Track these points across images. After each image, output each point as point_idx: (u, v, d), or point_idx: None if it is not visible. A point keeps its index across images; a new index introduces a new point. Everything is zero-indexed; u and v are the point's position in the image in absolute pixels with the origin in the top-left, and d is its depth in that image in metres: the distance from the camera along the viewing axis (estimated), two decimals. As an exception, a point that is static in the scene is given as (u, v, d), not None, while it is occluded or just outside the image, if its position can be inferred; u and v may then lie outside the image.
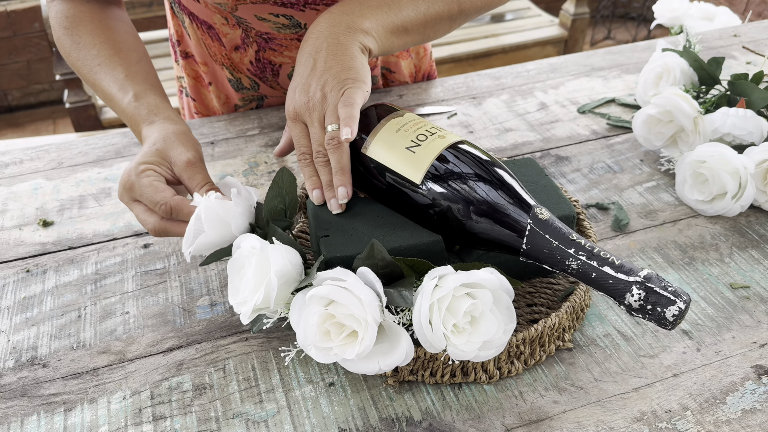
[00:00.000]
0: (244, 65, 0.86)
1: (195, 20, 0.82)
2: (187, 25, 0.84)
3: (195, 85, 0.93)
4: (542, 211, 0.52)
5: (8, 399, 0.53)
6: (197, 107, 0.95)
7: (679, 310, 0.45)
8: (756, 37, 1.08)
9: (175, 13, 0.86)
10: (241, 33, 0.81)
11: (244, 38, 0.82)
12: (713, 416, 0.50)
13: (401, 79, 0.97)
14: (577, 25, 2.30)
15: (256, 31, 0.80)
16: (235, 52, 0.84)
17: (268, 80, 0.88)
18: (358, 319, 0.48)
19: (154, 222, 0.58)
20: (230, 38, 0.82)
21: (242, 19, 0.79)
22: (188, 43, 0.88)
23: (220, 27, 0.81)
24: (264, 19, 0.78)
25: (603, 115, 0.87)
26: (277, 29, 0.80)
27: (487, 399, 0.52)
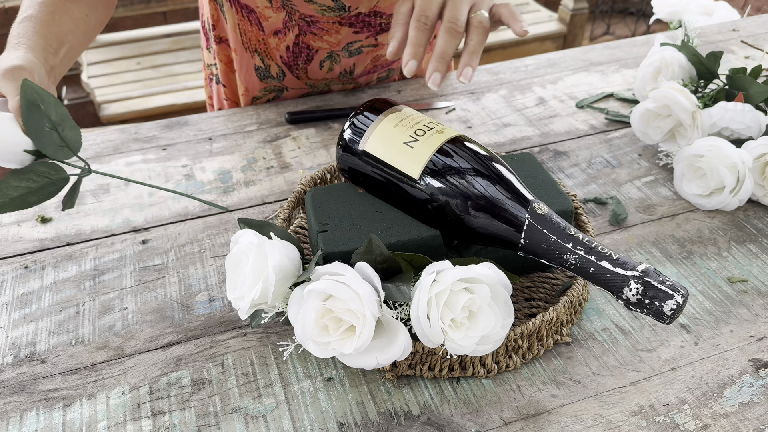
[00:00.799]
0: (279, 51, 0.87)
1: (235, 4, 0.83)
2: (226, 9, 0.85)
3: (226, 71, 0.94)
4: (540, 205, 0.52)
5: (7, 395, 0.53)
6: (227, 93, 0.96)
7: (677, 304, 0.45)
8: (754, 32, 1.08)
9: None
10: (284, 16, 0.83)
11: (286, 21, 0.83)
12: (711, 410, 0.50)
13: (419, 73, 0.98)
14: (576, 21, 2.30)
15: (300, 14, 0.82)
16: (273, 37, 0.85)
17: (298, 68, 0.89)
18: (356, 313, 0.48)
19: None
20: (272, 22, 0.84)
21: (288, 1, 0.80)
22: (224, 27, 0.89)
23: (263, 10, 0.82)
24: (311, 2, 0.80)
25: (601, 110, 0.87)
26: (321, 12, 0.82)
27: (485, 393, 0.52)
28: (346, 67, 0.91)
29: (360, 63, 0.91)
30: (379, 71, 0.95)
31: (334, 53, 0.88)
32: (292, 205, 0.66)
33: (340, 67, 0.91)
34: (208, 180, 0.77)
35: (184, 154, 0.81)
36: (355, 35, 0.86)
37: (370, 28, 0.86)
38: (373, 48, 0.89)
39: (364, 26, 0.85)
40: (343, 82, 0.93)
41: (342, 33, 0.86)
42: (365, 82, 0.95)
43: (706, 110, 0.73)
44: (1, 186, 0.49)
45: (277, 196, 0.74)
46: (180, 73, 2.12)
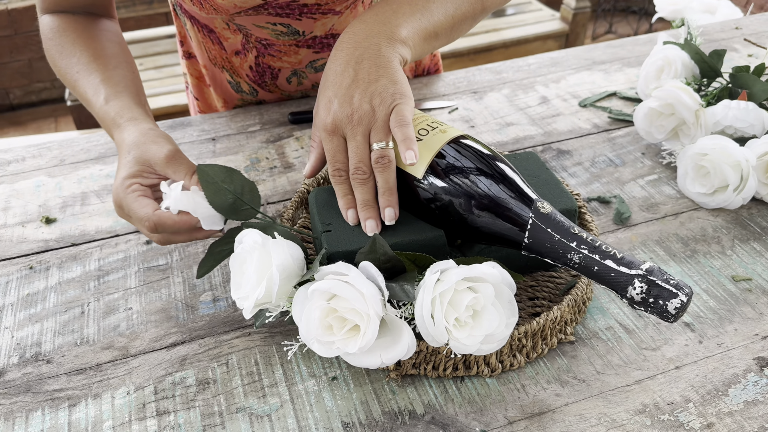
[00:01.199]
0: (244, 70, 0.86)
1: (196, 23, 0.83)
2: (189, 27, 0.85)
3: (198, 84, 0.94)
4: (544, 204, 0.52)
5: (13, 395, 0.53)
6: (200, 106, 0.96)
7: (681, 302, 0.45)
8: (757, 30, 1.08)
9: (177, 14, 0.86)
10: (241, 38, 0.82)
11: (244, 43, 0.82)
12: (715, 408, 0.50)
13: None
14: (578, 20, 2.29)
15: (255, 37, 0.81)
16: (236, 57, 0.84)
17: (267, 84, 0.88)
18: (360, 313, 0.48)
19: (157, 236, 0.58)
20: (231, 42, 0.83)
21: (242, 25, 0.79)
22: (190, 44, 0.88)
23: (221, 31, 0.81)
24: (262, 27, 0.79)
25: (604, 109, 0.87)
26: (275, 36, 0.81)
27: (490, 392, 0.52)
28: (316, 81, 0.89)
29: None
30: None
31: (298, 71, 0.87)
32: (295, 205, 0.66)
33: (311, 81, 0.89)
34: (212, 180, 0.77)
35: (188, 155, 0.81)
36: (315, 54, 0.84)
37: (329, 48, 0.83)
38: None
39: (323, 47, 0.83)
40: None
41: (301, 54, 0.84)
42: None
43: (709, 109, 0.73)
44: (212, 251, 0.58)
45: (280, 196, 0.74)
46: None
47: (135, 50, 2.25)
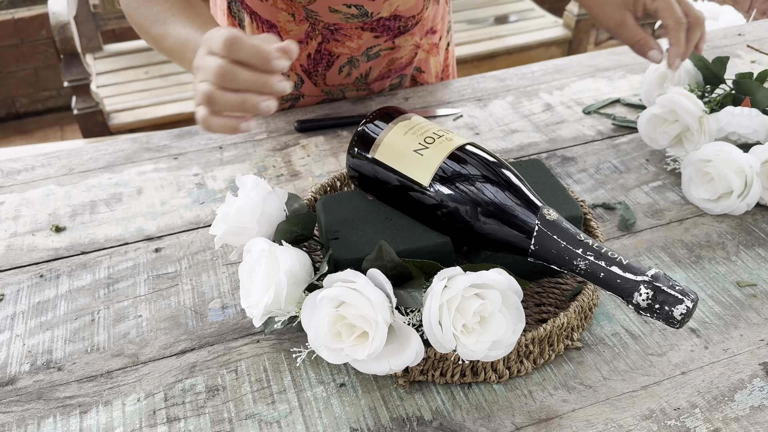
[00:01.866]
0: (300, 60, 0.90)
1: (256, 19, 0.86)
2: (247, 24, 0.87)
3: None
4: (550, 211, 0.53)
5: (25, 402, 0.54)
6: None
7: (687, 308, 0.46)
8: (760, 36, 1.09)
9: (231, 12, 0.88)
10: (307, 27, 0.86)
11: (309, 32, 0.86)
12: (722, 413, 0.51)
13: (428, 80, 1.01)
14: (581, 26, 2.30)
15: (324, 24, 0.85)
16: None
17: (317, 74, 0.92)
18: (368, 320, 0.48)
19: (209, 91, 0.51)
20: (293, 35, 0.87)
21: (313, 12, 0.83)
22: None
23: (284, 24, 0.85)
24: (336, 11, 0.83)
25: (608, 116, 0.88)
26: (345, 19, 0.84)
27: (497, 398, 0.53)
28: (363, 72, 0.93)
29: (376, 67, 0.93)
30: (392, 77, 0.96)
31: (354, 58, 0.90)
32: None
33: (358, 72, 0.93)
34: (219, 188, 0.77)
35: (195, 163, 0.82)
36: (375, 39, 0.89)
37: (389, 31, 0.88)
38: (390, 51, 0.92)
39: (384, 30, 0.88)
40: (357, 87, 0.95)
41: (363, 38, 0.88)
42: (378, 89, 0.97)
43: (713, 115, 0.74)
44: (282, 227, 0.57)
45: (287, 204, 0.75)
46: (188, 82, 2.14)
47: (140, 59, 2.26)
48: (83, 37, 2.20)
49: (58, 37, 1.71)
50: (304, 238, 0.59)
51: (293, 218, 0.57)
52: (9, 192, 0.79)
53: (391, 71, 0.95)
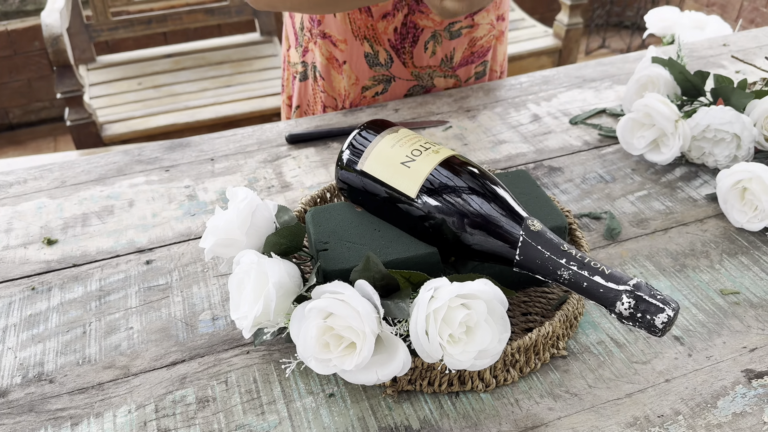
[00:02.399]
0: (387, 35, 0.93)
1: None
2: None
3: (326, 66, 1.00)
4: (534, 222, 0.54)
5: (16, 414, 0.54)
6: (325, 86, 1.02)
7: (668, 317, 0.47)
8: (745, 46, 1.10)
9: None
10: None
11: (396, 2, 0.90)
12: (705, 420, 0.52)
13: (494, 68, 1.06)
14: (571, 36, 2.32)
15: None
16: (382, 21, 0.92)
17: (405, 51, 0.95)
18: (356, 330, 0.49)
19: None
20: (381, 6, 0.90)
21: None
22: (329, 21, 0.95)
23: None
24: None
25: (595, 126, 0.89)
26: None
27: (484, 407, 0.53)
28: (447, 53, 0.97)
29: (459, 47, 0.98)
30: (476, 62, 1.00)
31: (437, 33, 0.94)
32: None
33: (442, 52, 0.97)
34: (210, 200, 0.78)
35: (187, 175, 0.83)
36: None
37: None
38: (469, 29, 0.96)
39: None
40: (444, 72, 0.99)
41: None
42: (464, 76, 1.01)
43: (689, 119, 0.75)
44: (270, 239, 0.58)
45: (278, 216, 0.75)
46: (181, 93, 2.15)
47: (133, 70, 2.27)
48: (76, 49, 2.21)
49: (51, 48, 1.72)
50: (293, 250, 0.60)
51: (282, 231, 0.58)
52: (1, 205, 0.79)
53: (473, 55, 0.99)
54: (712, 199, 0.75)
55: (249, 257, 0.54)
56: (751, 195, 0.68)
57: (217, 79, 2.21)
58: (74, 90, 1.81)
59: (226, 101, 2.09)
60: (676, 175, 0.79)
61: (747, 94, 0.78)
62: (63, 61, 1.75)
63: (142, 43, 2.63)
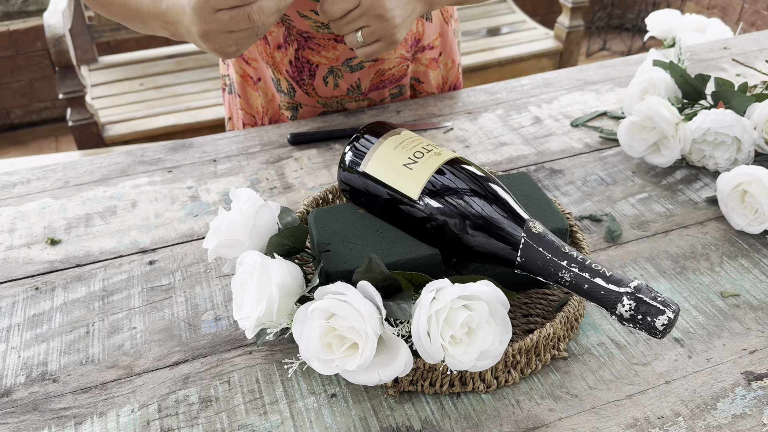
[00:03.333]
0: (284, 66, 0.91)
1: None
2: None
3: (241, 83, 0.98)
4: (535, 224, 0.54)
5: (20, 413, 0.54)
6: (242, 104, 1.00)
7: (669, 319, 0.47)
8: (745, 50, 1.11)
9: None
10: (284, 31, 0.87)
11: (286, 36, 0.88)
12: (704, 422, 0.52)
13: (429, 90, 1.02)
14: (572, 38, 2.33)
15: (297, 30, 0.86)
16: (278, 51, 0.90)
17: (304, 83, 0.92)
18: (358, 331, 0.50)
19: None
20: (274, 36, 0.88)
21: (286, 15, 0.84)
22: None
23: None
24: (305, 17, 0.84)
25: (595, 129, 0.90)
26: (316, 28, 0.86)
27: (485, 408, 0.54)
28: (352, 83, 0.93)
29: (364, 77, 0.93)
30: (389, 86, 0.96)
31: (335, 68, 0.91)
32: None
33: (346, 83, 0.93)
34: (213, 201, 0.79)
35: (189, 176, 0.83)
36: (352, 52, 0.89)
37: None
38: (373, 62, 0.92)
39: None
40: (355, 99, 0.96)
41: (339, 49, 0.89)
42: (378, 98, 0.97)
43: (690, 122, 0.76)
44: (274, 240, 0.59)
45: (280, 217, 0.76)
46: (182, 94, 2.15)
47: (135, 70, 2.28)
48: (78, 49, 2.21)
49: (53, 49, 1.72)
50: (295, 251, 0.60)
51: (285, 231, 0.59)
52: (5, 205, 0.79)
53: (384, 81, 0.95)
54: (712, 201, 0.75)
55: (252, 258, 0.54)
56: (751, 198, 0.69)
57: (219, 80, 2.21)
58: (76, 90, 1.81)
59: (227, 102, 2.09)
60: (676, 177, 0.80)
61: (747, 98, 0.78)
62: (65, 62, 1.76)
63: (144, 43, 2.64)
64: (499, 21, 2.58)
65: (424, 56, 0.97)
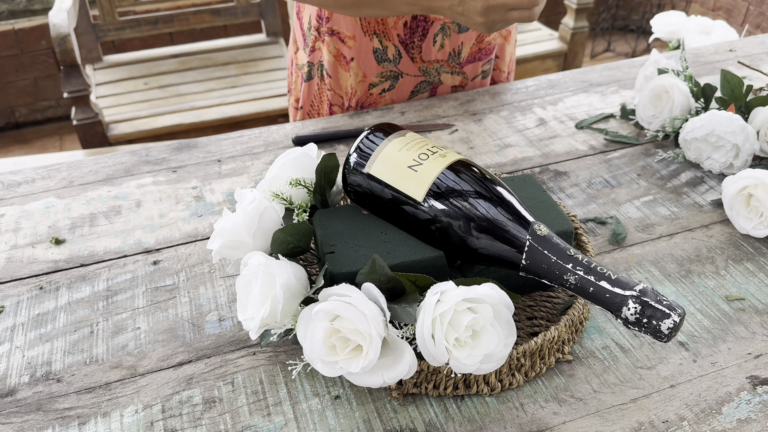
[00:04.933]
0: (397, 30, 0.93)
1: None
2: None
3: (334, 63, 1.00)
4: (541, 227, 0.54)
5: (24, 413, 0.54)
6: (331, 84, 1.02)
7: (674, 323, 0.47)
8: (751, 52, 1.10)
9: None
10: None
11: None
12: (709, 426, 0.52)
13: (502, 67, 1.07)
14: (576, 39, 2.32)
15: None
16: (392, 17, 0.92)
17: (414, 46, 0.95)
18: (362, 333, 0.49)
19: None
20: None
21: None
22: (338, 18, 0.95)
23: None
24: None
25: (600, 131, 0.89)
26: None
27: (489, 411, 0.54)
28: (456, 47, 0.97)
29: (467, 42, 0.98)
30: (483, 59, 1.01)
31: (446, 25, 0.95)
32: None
33: (450, 46, 0.97)
34: (217, 201, 0.79)
35: (194, 176, 0.83)
36: None
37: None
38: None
39: None
40: (452, 69, 0.99)
41: None
42: (471, 74, 1.01)
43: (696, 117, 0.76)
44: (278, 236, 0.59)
45: (284, 217, 0.76)
46: (187, 93, 2.15)
47: (140, 69, 2.28)
48: (83, 48, 2.21)
49: (58, 48, 1.72)
50: (300, 251, 0.60)
51: (289, 228, 0.59)
52: (9, 204, 0.80)
53: (481, 51, 1.00)
54: (717, 205, 0.75)
55: (257, 259, 0.54)
56: (756, 202, 0.69)
57: (223, 80, 2.21)
58: (81, 89, 1.81)
59: (231, 102, 2.09)
60: (681, 180, 0.80)
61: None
62: (70, 61, 1.76)
63: (149, 43, 2.64)
64: (503, 22, 2.57)
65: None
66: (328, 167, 0.64)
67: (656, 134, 0.86)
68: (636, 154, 0.84)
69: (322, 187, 0.65)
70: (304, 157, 0.66)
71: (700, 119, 0.76)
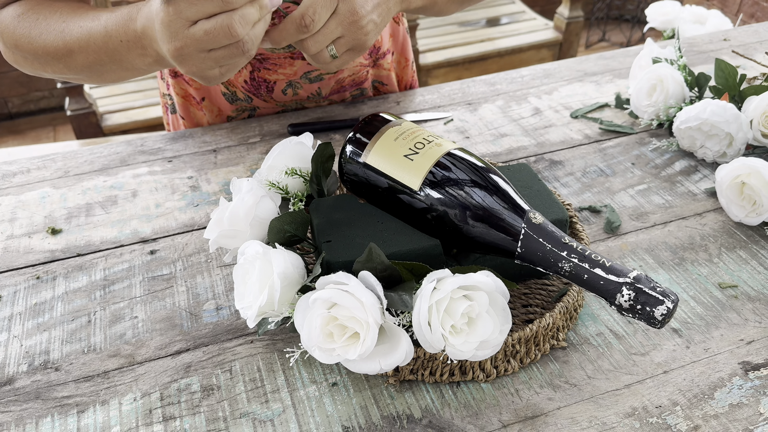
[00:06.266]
0: (239, 84, 0.89)
1: None
2: None
3: (184, 104, 0.95)
4: (536, 215, 0.54)
5: (23, 402, 0.55)
6: (185, 124, 0.98)
7: (668, 309, 0.47)
8: (745, 41, 1.11)
9: None
10: None
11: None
12: (702, 411, 0.52)
13: (392, 91, 1.00)
14: (571, 29, 2.32)
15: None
16: None
17: (262, 96, 0.90)
18: (359, 321, 0.50)
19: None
20: None
21: None
22: None
23: None
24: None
25: (595, 120, 0.90)
26: (270, 50, 0.83)
27: (485, 397, 0.54)
28: (312, 92, 0.92)
29: (324, 86, 0.92)
30: (350, 90, 0.95)
31: (293, 82, 0.89)
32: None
33: (306, 92, 0.92)
34: (213, 191, 0.79)
35: (190, 166, 0.83)
36: (310, 66, 0.86)
37: None
38: (332, 74, 0.90)
39: None
40: (316, 102, 0.94)
41: (296, 65, 0.87)
42: (339, 99, 0.96)
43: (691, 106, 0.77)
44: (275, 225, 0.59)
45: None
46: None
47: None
48: (76, 38, 2.20)
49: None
50: (297, 240, 0.60)
51: (285, 216, 0.59)
52: (5, 194, 0.79)
53: (344, 87, 0.94)
54: (711, 193, 0.76)
55: (254, 248, 0.54)
56: (749, 190, 0.69)
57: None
58: (74, 80, 1.80)
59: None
60: (675, 169, 0.80)
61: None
62: (63, 51, 1.75)
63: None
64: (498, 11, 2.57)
65: (385, 61, 0.96)
66: (323, 156, 0.65)
67: (650, 123, 0.87)
68: (630, 143, 0.85)
69: (318, 177, 0.65)
70: (300, 147, 0.66)
71: (694, 108, 0.77)
